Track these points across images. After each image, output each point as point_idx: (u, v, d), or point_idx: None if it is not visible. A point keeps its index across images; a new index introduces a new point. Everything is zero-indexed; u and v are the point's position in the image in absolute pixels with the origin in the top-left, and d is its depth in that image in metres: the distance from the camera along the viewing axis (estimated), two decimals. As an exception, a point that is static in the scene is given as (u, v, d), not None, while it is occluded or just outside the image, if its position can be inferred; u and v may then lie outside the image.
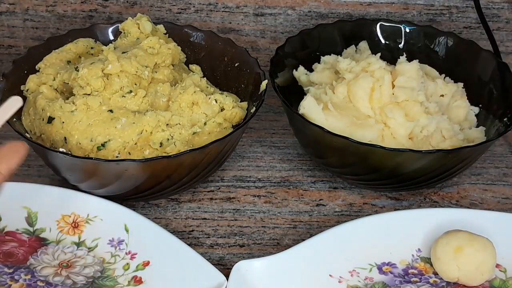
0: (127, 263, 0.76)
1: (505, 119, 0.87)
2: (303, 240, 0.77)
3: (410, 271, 0.76)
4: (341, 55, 0.95)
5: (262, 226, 0.84)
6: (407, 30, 0.98)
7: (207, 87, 0.89)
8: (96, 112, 0.81)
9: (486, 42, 1.01)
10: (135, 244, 0.77)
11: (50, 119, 0.81)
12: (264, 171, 0.92)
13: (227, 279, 0.71)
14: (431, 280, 0.75)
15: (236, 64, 0.92)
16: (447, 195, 0.89)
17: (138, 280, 0.74)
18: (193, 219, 0.84)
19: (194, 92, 0.83)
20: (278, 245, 0.81)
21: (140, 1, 1.08)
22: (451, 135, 0.85)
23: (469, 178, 0.92)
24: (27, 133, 0.83)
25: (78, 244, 0.77)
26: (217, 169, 0.86)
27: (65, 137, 0.80)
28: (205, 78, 0.91)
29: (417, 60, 0.88)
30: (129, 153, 0.80)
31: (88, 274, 0.75)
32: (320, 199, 0.88)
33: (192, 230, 0.83)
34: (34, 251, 0.76)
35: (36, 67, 0.87)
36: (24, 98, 0.86)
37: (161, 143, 0.80)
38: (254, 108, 0.83)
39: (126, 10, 1.09)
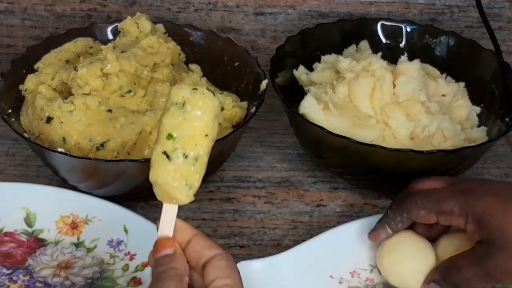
0: (126, 264, 0.75)
1: (506, 119, 0.86)
2: (304, 241, 0.76)
3: (411, 272, 0.76)
4: (341, 55, 0.95)
5: (262, 227, 0.84)
6: (408, 29, 0.98)
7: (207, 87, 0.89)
8: (95, 112, 0.80)
9: (487, 41, 1.01)
10: (134, 244, 0.76)
11: (49, 119, 0.80)
12: (264, 171, 0.91)
13: (227, 280, 0.70)
14: (432, 281, 0.75)
15: (236, 64, 0.91)
16: (448, 196, 0.89)
17: (137, 281, 0.73)
18: (192, 219, 0.84)
19: (194, 92, 0.83)
20: (278, 246, 0.81)
21: (139, 0, 1.08)
22: (452, 135, 0.85)
23: (470, 178, 0.91)
24: (26, 133, 0.82)
25: (77, 245, 0.77)
26: (217, 169, 0.86)
27: (63, 137, 0.80)
28: (204, 77, 0.91)
29: (418, 60, 0.88)
30: (128, 153, 0.80)
31: (87, 275, 0.74)
32: (321, 200, 0.88)
33: (192, 231, 0.83)
34: (32, 252, 0.76)
35: (35, 66, 0.87)
36: (23, 98, 0.85)
37: (160, 143, 0.80)
38: (254, 108, 0.83)
39: (125, 9, 1.08)
